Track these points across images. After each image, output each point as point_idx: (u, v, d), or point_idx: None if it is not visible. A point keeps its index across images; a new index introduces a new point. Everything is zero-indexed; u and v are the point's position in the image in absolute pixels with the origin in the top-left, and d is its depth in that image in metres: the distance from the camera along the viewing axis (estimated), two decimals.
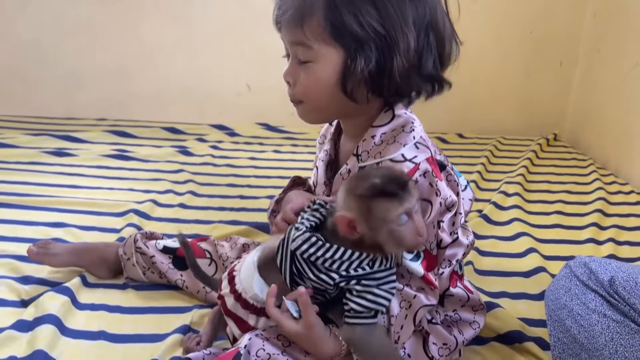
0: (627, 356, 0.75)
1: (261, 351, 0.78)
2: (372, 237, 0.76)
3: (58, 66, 2.41)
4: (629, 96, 1.96)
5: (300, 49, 0.81)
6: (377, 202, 0.74)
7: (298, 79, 0.83)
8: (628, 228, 1.50)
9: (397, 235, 0.75)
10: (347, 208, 0.76)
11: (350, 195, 0.76)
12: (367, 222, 0.75)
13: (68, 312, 1.02)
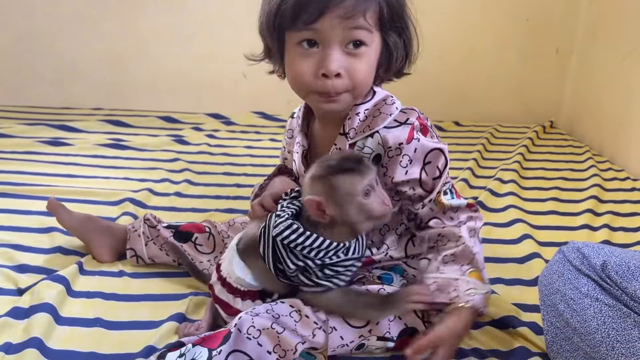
0: (618, 339, 0.76)
1: (251, 328, 0.81)
2: (342, 215, 0.81)
3: (53, 55, 2.40)
4: (625, 83, 1.96)
5: (358, 32, 0.82)
6: (340, 178, 0.79)
7: (351, 68, 0.84)
8: (623, 214, 1.50)
9: (366, 208, 0.80)
10: (314, 192, 0.80)
11: (314, 179, 0.81)
12: (334, 200, 0.80)
13: (64, 300, 1.02)
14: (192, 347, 0.80)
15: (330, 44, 0.82)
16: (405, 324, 0.91)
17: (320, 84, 0.84)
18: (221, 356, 0.78)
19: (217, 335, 0.82)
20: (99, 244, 1.17)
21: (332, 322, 0.88)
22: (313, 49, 0.83)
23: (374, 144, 0.88)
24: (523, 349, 0.94)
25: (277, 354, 0.81)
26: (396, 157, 0.87)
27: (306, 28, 0.82)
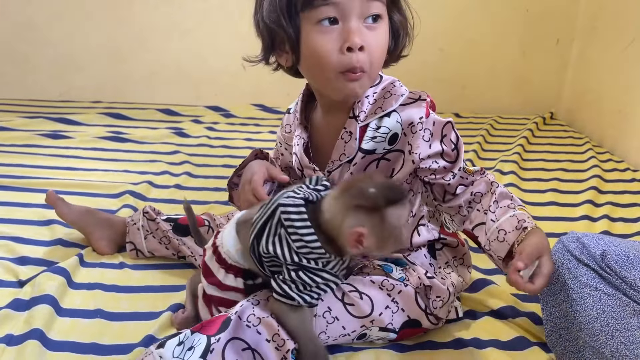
0: (617, 328, 0.76)
1: (252, 316, 0.81)
2: (379, 247, 0.77)
3: (52, 48, 2.39)
4: (625, 73, 1.96)
5: (379, 5, 0.84)
6: (391, 211, 0.75)
7: (369, 43, 0.83)
8: (622, 205, 1.50)
9: (400, 239, 0.78)
10: (358, 222, 0.75)
11: (359, 210, 0.76)
12: (381, 234, 0.76)
13: (64, 292, 1.03)
14: (190, 334, 0.80)
15: (351, 17, 0.82)
16: (408, 316, 0.92)
17: (346, 60, 0.83)
18: (220, 343, 0.79)
19: (215, 321, 0.82)
20: (99, 237, 1.17)
21: (335, 312, 0.88)
22: (334, 26, 0.82)
23: (392, 123, 0.87)
24: (522, 339, 0.94)
25: (276, 342, 0.81)
26: (419, 133, 0.87)
27: (325, 3, 0.81)
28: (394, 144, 0.88)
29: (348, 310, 0.89)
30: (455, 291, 0.97)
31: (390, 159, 0.90)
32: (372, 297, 0.90)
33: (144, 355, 0.79)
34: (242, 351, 0.80)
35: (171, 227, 1.14)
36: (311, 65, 0.87)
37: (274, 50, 0.91)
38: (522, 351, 0.91)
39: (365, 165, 0.91)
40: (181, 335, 0.80)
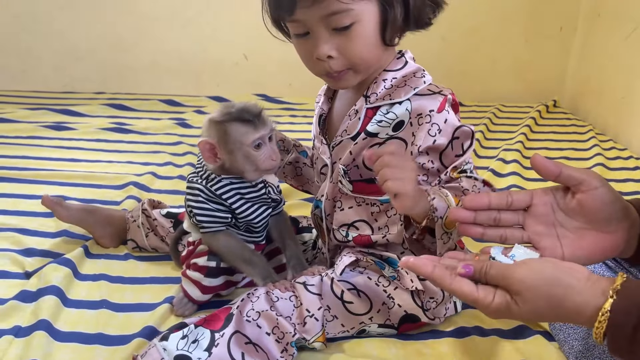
0: None
1: (251, 311, 0.83)
2: (231, 162, 0.88)
3: (54, 39, 2.39)
4: (628, 61, 1.95)
5: (337, 17, 0.79)
6: (233, 126, 0.87)
7: (342, 48, 0.81)
8: (625, 193, 1.50)
9: (253, 159, 0.88)
10: (208, 135, 0.88)
11: (210, 122, 0.89)
12: (225, 145, 0.87)
13: (70, 283, 1.04)
14: (194, 327, 0.82)
15: (316, 29, 0.81)
16: (405, 311, 0.92)
17: (320, 67, 0.84)
18: (224, 338, 0.80)
19: (219, 315, 0.84)
20: (101, 235, 1.17)
21: (334, 311, 0.90)
22: (307, 37, 0.83)
23: (401, 110, 0.85)
24: (525, 328, 0.95)
25: (276, 335, 0.83)
26: (425, 125, 0.84)
27: (290, 20, 0.83)
28: (398, 131, 0.86)
29: (347, 308, 0.90)
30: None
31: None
32: (369, 295, 0.91)
33: (148, 348, 0.80)
34: (245, 345, 0.81)
35: (171, 225, 1.13)
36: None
37: None
38: (524, 339, 0.92)
39: (365, 147, 0.88)
40: (185, 329, 0.81)
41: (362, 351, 0.89)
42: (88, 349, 0.88)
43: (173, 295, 1.00)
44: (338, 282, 0.91)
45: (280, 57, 1.97)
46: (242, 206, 0.93)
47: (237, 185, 0.92)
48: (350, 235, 0.95)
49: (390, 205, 0.90)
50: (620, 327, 0.53)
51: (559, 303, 0.56)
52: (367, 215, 0.93)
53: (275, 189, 0.96)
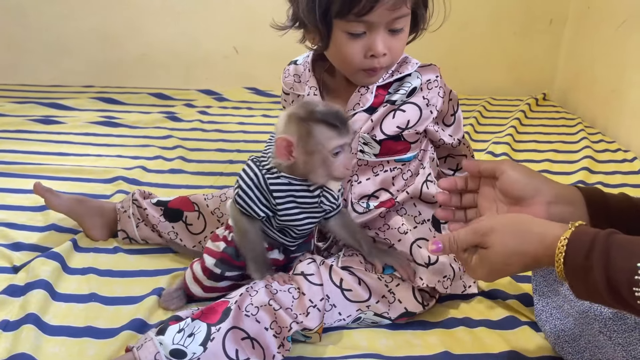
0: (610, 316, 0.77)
1: (250, 306, 0.83)
2: (305, 163, 0.85)
3: (43, 32, 2.37)
4: (617, 54, 1.96)
5: (400, 20, 0.89)
6: (319, 127, 0.83)
7: (391, 48, 0.90)
8: (613, 185, 1.52)
9: (328, 165, 0.85)
10: (288, 131, 0.84)
11: (292, 119, 0.84)
12: (305, 145, 0.83)
13: (59, 277, 1.03)
14: (190, 321, 0.82)
15: (378, 30, 0.88)
16: (406, 308, 0.93)
17: (368, 63, 0.91)
18: (220, 333, 0.80)
19: (216, 309, 0.84)
20: (91, 226, 1.17)
21: (333, 300, 0.90)
22: (361, 36, 0.88)
23: (413, 78, 0.96)
24: (512, 319, 0.96)
25: (274, 330, 0.82)
26: (434, 89, 0.97)
27: (357, 20, 0.86)
28: (411, 96, 0.96)
29: (345, 295, 0.91)
30: (460, 266, 0.99)
31: (406, 110, 0.96)
32: (369, 284, 0.92)
33: (144, 341, 0.80)
34: (242, 340, 0.81)
35: (162, 213, 1.13)
36: (336, 58, 0.94)
37: (305, 28, 0.94)
38: (512, 330, 0.93)
39: (384, 115, 0.96)
40: (181, 322, 0.81)
41: (352, 342, 0.90)
42: (77, 342, 0.88)
43: (162, 287, 1.00)
44: (337, 268, 0.92)
45: (271, 51, 1.96)
46: (290, 210, 0.89)
47: (294, 187, 0.88)
48: (371, 205, 0.99)
49: (407, 167, 1.00)
50: (574, 255, 0.62)
51: (524, 235, 0.67)
52: (386, 183, 0.99)
53: (333, 196, 0.91)
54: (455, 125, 1.03)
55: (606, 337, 0.76)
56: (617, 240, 0.61)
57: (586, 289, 0.62)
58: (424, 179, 1.01)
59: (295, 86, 1.04)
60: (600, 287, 0.60)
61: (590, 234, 0.62)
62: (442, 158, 1.09)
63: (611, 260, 0.59)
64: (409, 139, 0.97)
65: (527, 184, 0.76)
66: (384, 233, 1.00)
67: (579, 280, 0.62)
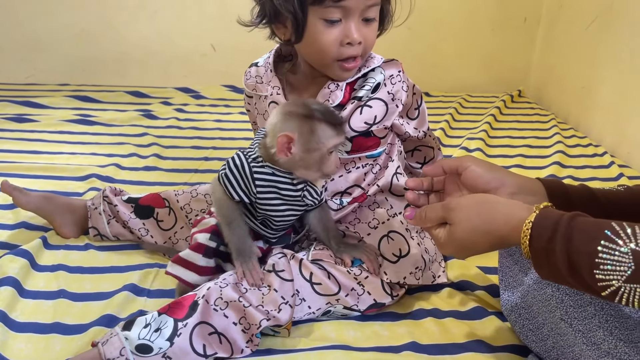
0: (571, 304, 0.78)
1: (219, 300, 0.83)
2: (303, 159, 0.85)
3: (17, 30, 2.34)
4: (588, 51, 1.99)
5: (372, 9, 0.91)
6: (322, 125, 0.85)
7: (365, 37, 0.92)
8: (583, 179, 1.54)
9: (323, 162, 0.86)
10: (287, 129, 0.84)
11: (292, 116, 0.85)
12: (306, 142, 0.84)
13: (27, 274, 1.02)
14: (157, 315, 0.81)
15: (353, 17, 0.90)
16: (375, 300, 0.94)
17: (345, 51, 0.92)
18: (187, 328, 0.80)
19: (183, 303, 0.83)
20: (61, 223, 1.16)
21: (302, 294, 0.91)
22: (337, 23, 0.90)
23: (379, 75, 0.97)
24: (480, 309, 0.97)
25: (243, 325, 0.83)
26: (398, 83, 0.98)
27: (334, 5, 0.87)
28: (375, 92, 0.97)
29: (315, 289, 0.92)
30: (430, 257, 1.01)
31: (372, 106, 0.96)
32: (338, 278, 0.93)
33: (109, 336, 0.80)
34: (209, 335, 0.81)
35: (133, 210, 1.13)
36: (312, 50, 0.93)
37: (275, 23, 0.94)
38: (479, 320, 0.94)
39: (352, 112, 0.96)
40: (148, 317, 0.81)
41: (321, 334, 0.90)
42: (44, 338, 0.87)
43: (133, 283, 1.00)
44: (307, 262, 0.93)
45: (249, 48, 1.95)
46: (271, 200, 0.90)
47: (277, 178, 0.88)
48: (344, 202, 1.00)
49: (376, 161, 1.01)
50: (538, 239, 0.64)
51: (490, 215, 0.70)
52: (359, 180, 1.01)
53: (316, 191, 0.92)
54: (420, 118, 1.05)
55: (567, 324, 0.78)
56: (579, 224, 0.63)
57: (549, 270, 0.65)
58: (393, 171, 1.02)
59: (258, 87, 1.04)
60: (562, 269, 0.63)
61: (554, 218, 0.65)
62: (409, 151, 1.10)
63: (573, 244, 0.62)
64: (379, 134, 0.98)
65: (491, 177, 0.79)
66: (354, 227, 1.01)
67: (543, 263, 0.65)
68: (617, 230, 0.60)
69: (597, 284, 0.60)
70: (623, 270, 0.59)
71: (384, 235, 0.99)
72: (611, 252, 0.59)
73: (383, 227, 0.99)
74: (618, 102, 1.79)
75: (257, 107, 1.06)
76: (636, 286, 0.58)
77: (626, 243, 0.59)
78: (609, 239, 0.60)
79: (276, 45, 1.05)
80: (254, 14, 0.95)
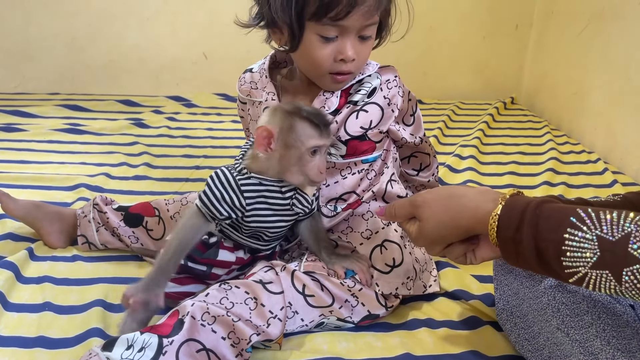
0: (568, 313, 0.77)
1: (206, 314, 0.79)
2: (282, 157, 0.84)
3: (5, 38, 2.32)
4: (580, 57, 1.99)
5: (370, 28, 0.90)
6: (302, 123, 0.83)
7: (359, 54, 0.91)
8: (577, 186, 1.54)
9: (303, 163, 0.84)
10: (271, 122, 0.84)
11: (278, 111, 0.85)
12: (285, 138, 0.83)
13: (12, 287, 1.00)
14: (139, 334, 0.76)
15: (349, 35, 0.89)
16: (369, 311, 0.92)
17: (338, 67, 0.91)
18: (173, 346, 0.75)
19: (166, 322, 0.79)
20: (49, 231, 1.14)
21: (295, 307, 0.88)
22: (333, 40, 0.89)
23: (375, 80, 0.97)
24: (475, 319, 0.95)
25: (232, 340, 0.79)
26: (394, 88, 0.98)
27: (331, 24, 0.86)
28: (372, 96, 0.97)
29: (308, 301, 0.89)
30: (420, 267, 0.99)
31: (368, 110, 0.96)
32: (331, 290, 0.91)
33: (89, 356, 0.74)
34: (197, 353, 0.76)
35: (122, 218, 1.11)
36: (305, 61, 0.93)
37: (272, 27, 0.93)
38: (474, 330, 0.93)
39: (347, 116, 0.96)
40: (129, 337, 0.75)
41: (312, 346, 0.88)
42: (27, 353, 0.85)
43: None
44: (300, 274, 0.90)
45: (241, 56, 1.95)
46: (260, 210, 0.88)
47: (264, 187, 0.87)
48: (338, 208, 0.99)
49: (371, 167, 1.00)
50: (505, 229, 0.66)
51: (456, 210, 0.71)
52: (354, 185, 1.00)
53: (306, 200, 0.90)
54: (416, 125, 1.04)
55: (564, 333, 0.76)
56: (545, 211, 0.64)
57: (517, 259, 0.67)
58: (388, 178, 1.02)
59: (252, 93, 1.03)
60: (529, 257, 0.64)
61: (520, 208, 0.66)
62: (405, 158, 1.09)
63: (539, 232, 0.63)
64: (374, 139, 0.98)
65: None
66: (346, 236, 0.99)
67: (511, 252, 0.67)
68: (583, 216, 0.61)
69: (564, 270, 0.61)
70: (589, 257, 0.60)
71: (378, 245, 0.97)
72: (577, 239, 0.60)
73: (377, 236, 0.98)
74: (610, 108, 1.79)
75: (251, 113, 1.05)
76: (602, 272, 0.59)
77: (591, 229, 0.60)
78: (574, 225, 0.61)
79: (271, 52, 1.04)
80: (252, 14, 0.94)
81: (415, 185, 1.14)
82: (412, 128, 1.04)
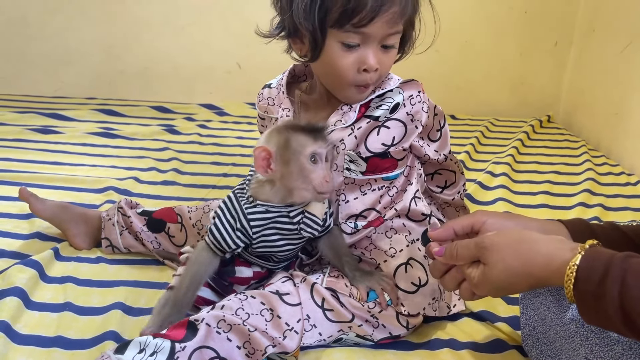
0: (597, 342, 0.73)
1: (222, 322, 0.78)
2: (284, 174, 0.83)
3: (46, 44, 2.38)
4: (621, 76, 1.93)
5: (393, 37, 0.88)
6: (295, 135, 0.83)
7: (381, 64, 0.89)
8: (614, 208, 1.48)
9: (306, 174, 0.83)
10: (267, 143, 0.84)
11: (273, 131, 0.85)
12: (283, 154, 0.83)
13: (36, 285, 1.01)
14: (152, 338, 0.75)
15: (371, 44, 0.87)
16: (390, 333, 0.90)
17: (360, 78, 0.89)
18: (185, 352, 0.74)
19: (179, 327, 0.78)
20: (75, 233, 1.15)
21: (313, 320, 0.86)
22: (355, 48, 0.87)
23: (397, 95, 0.93)
24: (500, 342, 0.92)
25: (247, 349, 0.78)
26: (418, 105, 0.93)
27: (354, 31, 0.85)
28: (394, 112, 0.93)
29: (327, 315, 0.87)
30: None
31: (390, 126, 0.93)
32: (351, 309, 0.88)
33: (101, 359, 0.74)
34: None
35: (145, 223, 1.11)
36: (327, 71, 0.91)
37: (292, 37, 0.92)
38: (498, 354, 0.89)
39: (368, 131, 0.92)
40: (142, 340, 0.75)
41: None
42: (45, 352, 0.85)
43: (139, 303, 0.97)
44: (320, 288, 0.88)
45: (274, 67, 1.93)
46: (268, 236, 0.87)
47: (272, 214, 0.86)
48: (359, 226, 0.96)
49: (393, 184, 0.96)
50: (585, 282, 0.59)
51: (528, 256, 0.64)
52: (374, 202, 0.95)
53: (315, 222, 0.89)
54: (442, 141, 1.00)
55: None
56: (634, 265, 0.57)
57: (597, 316, 0.60)
58: (411, 195, 0.97)
59: (269, 109, 1.01)
60: (613, 315, 0.57)
61: (604, 259, 0.59)
62: (429, 175, 1.06)
63: (627, 288, 0.56)
64: (396, 156, 0.94)
65: (514, 225, 0.75)
66: (370, 252, 0.97)
67: (590, 307, 0.60)
68: None
69: None
70: None
71: (403, 263, 0.94)
72: None
73: (401, 254, 0.94)
74: None
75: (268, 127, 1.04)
76: None
77: None
78: None
79: (290, 66, 1.03)
80: (273, 24, 0.93)
81: (439, 203, 1.08)
82: (438, 144, 1.00)
